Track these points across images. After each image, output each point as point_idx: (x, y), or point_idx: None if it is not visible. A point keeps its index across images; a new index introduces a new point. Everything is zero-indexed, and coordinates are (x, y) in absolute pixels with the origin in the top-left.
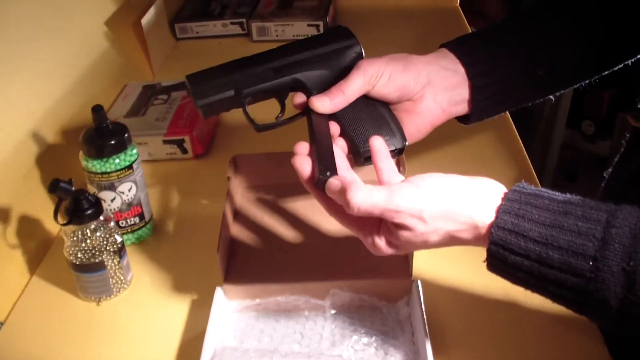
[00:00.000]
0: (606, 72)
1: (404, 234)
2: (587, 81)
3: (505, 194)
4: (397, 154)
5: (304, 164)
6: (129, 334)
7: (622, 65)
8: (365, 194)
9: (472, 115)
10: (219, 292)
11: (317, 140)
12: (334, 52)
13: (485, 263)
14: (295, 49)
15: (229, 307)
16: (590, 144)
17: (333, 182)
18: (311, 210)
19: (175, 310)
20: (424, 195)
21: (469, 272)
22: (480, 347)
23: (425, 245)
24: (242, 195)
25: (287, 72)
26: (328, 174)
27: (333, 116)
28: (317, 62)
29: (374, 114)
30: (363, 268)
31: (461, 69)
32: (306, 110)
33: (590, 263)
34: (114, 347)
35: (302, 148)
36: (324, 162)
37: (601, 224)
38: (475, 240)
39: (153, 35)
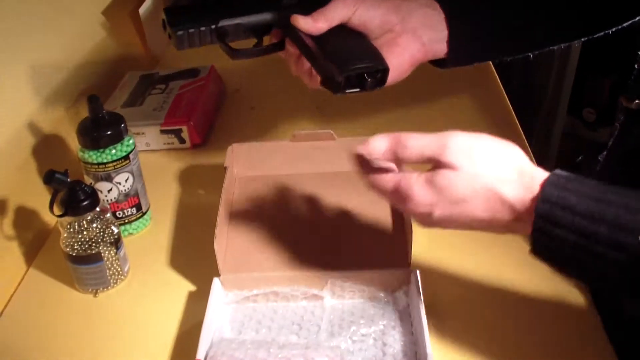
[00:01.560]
0: (584, 39)
1: (448, 174)
2: (566, 44)
3: (552, 172)
4: (379, 80)
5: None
6: (126, 326)
7: (602, 33)
8: (417, 135)
9: (449, 58)
10: (216, 283)
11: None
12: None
13: (530, 240)
14: None
15: (227, 298)
16: (591, 131)
17: (380, 137)
18: (310, 199)
19: (172, 301)
20: (475, 139)
21: (468, 262)
22: (479, 337)
23: (465, 199)
24: (239, 185)
25: (267, 8)
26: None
27: (309, 46)
28: (300, 4)
29: (351, 38)
30: (361, 258)
31: (439, 9)
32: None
33: (639, 238)
34: (111, 338)
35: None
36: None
37: None
38: (519, 208)
39: (151, 24)
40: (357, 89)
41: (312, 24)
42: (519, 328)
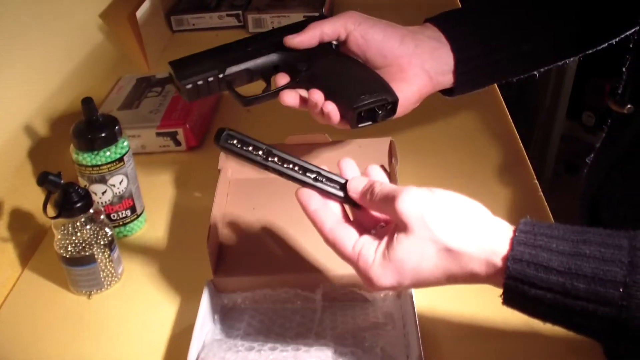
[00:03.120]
0: (590, 51)
1: (402, 239)
2: (571, 59)
3: (516, 227)
4: (390, 110)
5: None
6: (119, 327)
7: (606, 44)
8: (384, 183)
9: (456, 87)
10: (209, 285)
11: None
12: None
13: (502, 299)
14: (279, 30)
15: (219, 300)
16: (591, 135)
17: (360, 178)
18: None
19: (166, 303)
20: (434, 198)
21: None
22: (471, 338)
23: (420, 267)
24: (233, 187)
25: (270, 50)
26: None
27: (317, 83)
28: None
29: (358, 71)
30: None
31: (444, 41)
32: (298, 77)
33: (621, 290)
34: (104, 340)
35: None
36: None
37: (624, 248)
38: (490, 278)
39: (148, 28)
40: (370, 122)
41: (298, 38)
42: (510, 331)
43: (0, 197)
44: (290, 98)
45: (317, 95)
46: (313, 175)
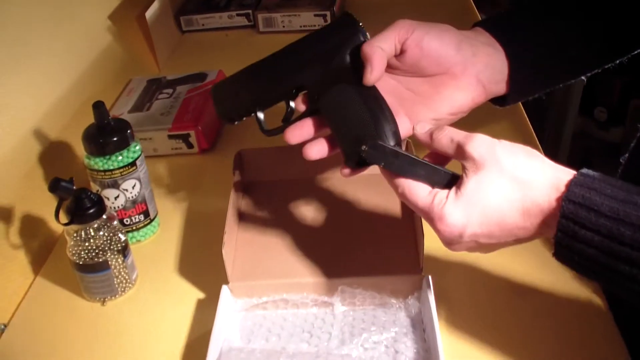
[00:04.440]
0: (636, 52)
1: (472, 176)
2: (618, 61)
3: (580, 170)
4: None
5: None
6: (134, 334)
7: None
8: (448, 135)
9: (510, 95)
10: (225, 290)
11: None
12: (336, 47)
13: (553, 242)
14: (295, 50)
15: (236, 306)
16: (602, 130)
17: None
18: (318, 205)
19: (181, 309)
20: (501, 142)
21: (480, 267)
22: (493, 343)
23: (491, 202)
24: (248, 191)
25: (290, 81)
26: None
27: (325, 116)
28: (317, 62)
29: (361, 113)
30: (372, 264)
31: (499, 47)
32: (311, 108)
33: None
34: (119, 347)
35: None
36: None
37: None
38: (548, 201)
39: (158, 29)
40: (371, 165)
41: (374, 73)
42: (534, 334)
43: (10, 203)
44: (295, 138)
45: (315, 150)
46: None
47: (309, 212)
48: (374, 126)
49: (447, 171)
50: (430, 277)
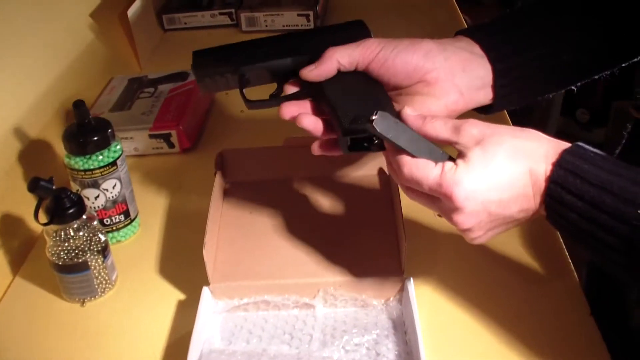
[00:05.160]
0: (630, 62)
1: (476, 150)
2: (610, 71)
3: (576, 142)
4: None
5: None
6: (114, 335)
7: None
8: (443, 119)
9: (495, 103)
10: (205, 292)
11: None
12: (340, 41)
13: (544, 204)
14: (301, 34)
15: (217, 307)
16: (585, 131)
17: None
18: (301, 206)
19: (161, 311)
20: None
21: (462, 270)
22: (475, 346)
23: (499, 159)
24: (229, 191)
25: (287, 54)
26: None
27: (320, 98)
28: (320, 49)
29: (364, 91)
30: (354, 266)
31: (479, 51)
32: (307, 89)
33: (638, 211)
34: (98, 348)
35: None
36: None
37: None
38: (545, 168)
39: (140, 27)
40: (363, 151)
41: (315, 71)
42: (516, 337)
43: None
44: (289, 112)
45: (313, 124)
46: None
47: (291, 213)
48: (385, 103)
49: (446, 153)
50: (412, 279)
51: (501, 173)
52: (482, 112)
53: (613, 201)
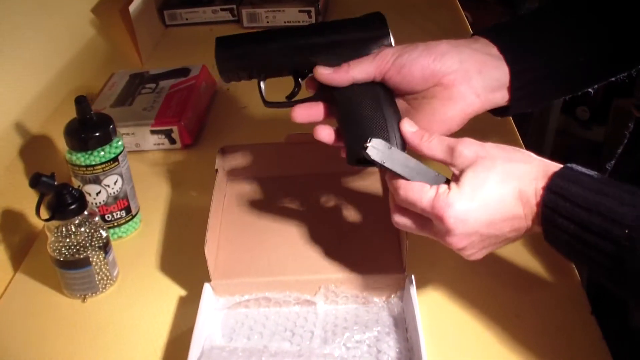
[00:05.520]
0: None
1: (469, 171)
2: (624, 73)
3: (565, 165)
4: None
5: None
6: (115, 332)
7: None
8: (439, 138)
9: (512, 105)
10: (207, 288)
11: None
12: (361, 41)
13: (541, 228)
14: (322, 30)
15: (218, 304)
16: (585, 129)
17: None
18: (302, 203)
19: (162, 307)
20: (487, 144)
21: (463, 268)
22: (475, 343)
23: (485, 187)
24: (231, 188)
25: (308, 53)
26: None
27: (334, 106)
28: (340, 49)
29: (373, 107)
30: (355, 263)
31: (496, 52)
32: (322, 93)
33: (626, 231)
34: (99, 344)
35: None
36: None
37: None
38: (535, 189)
39: (141, 22)
40: (368, 166)
41: (329, 75)
42: (516, 335)
43: None
44: (300, 117)
45: (328, 137)
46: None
47: (292, 209)
48: (385, 128)
49: (441, 175)
50: (413, 276)
51: (492, 196)
52: (498, 115)
53: (601, 222)
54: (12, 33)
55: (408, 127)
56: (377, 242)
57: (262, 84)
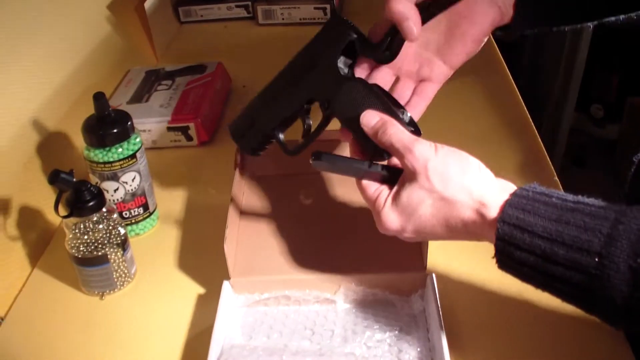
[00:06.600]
0: None
1: (407, 188)
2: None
3: (514, 191)
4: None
5: None
6: (133, 330)
7: None
8: (399, 127)
9: (515, 22)
10: (226, 286)
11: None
12: (327, 51)
13: (496, 260)
14: (293, 65)
15: (237, 302)
16: (599, 127)
17: (372, 114)
18: (322, 200)
19: (181, 305)
20: (438, 154)
21: (484, 265)
22: (496, 342)
23: (421, 217)
24: (249, 185)
25: (297, 97)
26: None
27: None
28: (314, 70)
29: (371, 103)
30: (375, 261)
31: None
32: (325, 116)
33: (596, 259)
34: (117, 342)
35: None
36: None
37: (609, 220)
38: (478, 227)
39: (156, 19)
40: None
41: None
42: (536, 334)
43: (8, 195)
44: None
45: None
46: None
47: (312, 207)
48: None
49: (385, 171)
50: (434, 274)
51: (424, 225)
52: (502, 31)
53: (567, 252)
54: (28, 30)
55: (366, 121)
56: (397, 241)
57: (281, 137)
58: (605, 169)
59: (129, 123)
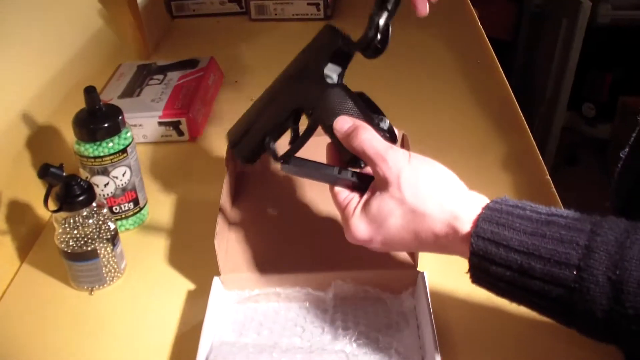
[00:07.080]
0: None
1: (377, 197)
2: None
3: (487, 205)
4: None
5: None
6: (122, 325)
7: None
8: (372, 134)
9: None
10: (216, 282)
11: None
12: (314, 59)
13: (469, 275)
14: (284, 74)
15: (227, 298)
16: (590, 127)
17: (345, 119)
18: (313, 198)
19: (170, 301)
20: (411, 164)
21: None
22: (487, 341)
23: (390, 228)
24: (240, 181)
25: (286, 105)
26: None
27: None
28: (301, 78)
29: (350, 111)
30: (366, 259)
31: None
32: (309, 123)
33: (574, 272)
34: (106, 338)
35: None
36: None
37: (585, 232)
38: (450, 241)
39: (148, 13)
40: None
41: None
42: (528, 334)
43: None
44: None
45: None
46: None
47: (304, 204)
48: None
49: (355, 178)
50: (425, 272)
51: (392, 237)
52: None
53: (544, 266)
54: (19, 23)
55: (339, 126)
56: None
57: (273, 146)
58: (596, 168)
59: (120, 117)
